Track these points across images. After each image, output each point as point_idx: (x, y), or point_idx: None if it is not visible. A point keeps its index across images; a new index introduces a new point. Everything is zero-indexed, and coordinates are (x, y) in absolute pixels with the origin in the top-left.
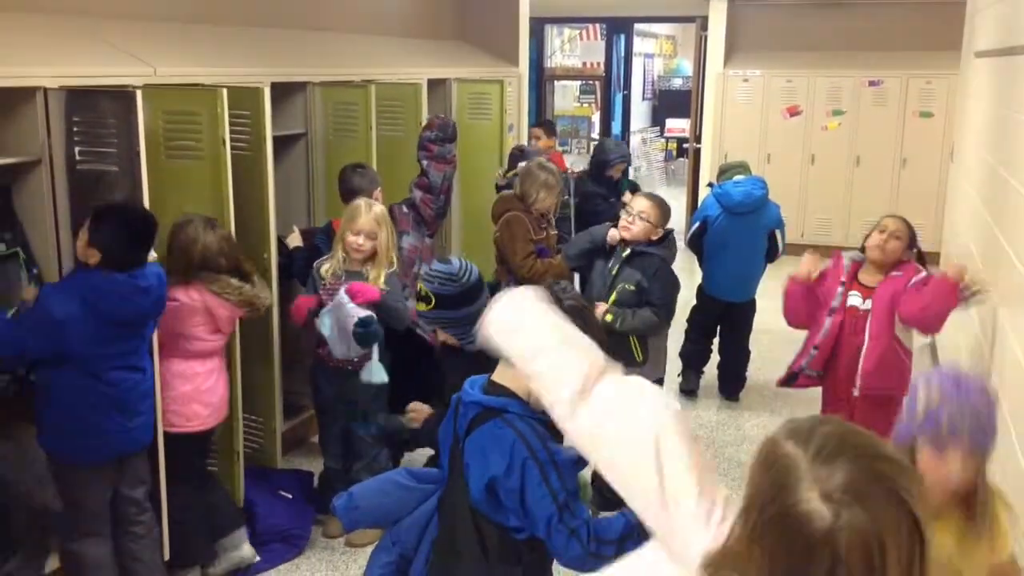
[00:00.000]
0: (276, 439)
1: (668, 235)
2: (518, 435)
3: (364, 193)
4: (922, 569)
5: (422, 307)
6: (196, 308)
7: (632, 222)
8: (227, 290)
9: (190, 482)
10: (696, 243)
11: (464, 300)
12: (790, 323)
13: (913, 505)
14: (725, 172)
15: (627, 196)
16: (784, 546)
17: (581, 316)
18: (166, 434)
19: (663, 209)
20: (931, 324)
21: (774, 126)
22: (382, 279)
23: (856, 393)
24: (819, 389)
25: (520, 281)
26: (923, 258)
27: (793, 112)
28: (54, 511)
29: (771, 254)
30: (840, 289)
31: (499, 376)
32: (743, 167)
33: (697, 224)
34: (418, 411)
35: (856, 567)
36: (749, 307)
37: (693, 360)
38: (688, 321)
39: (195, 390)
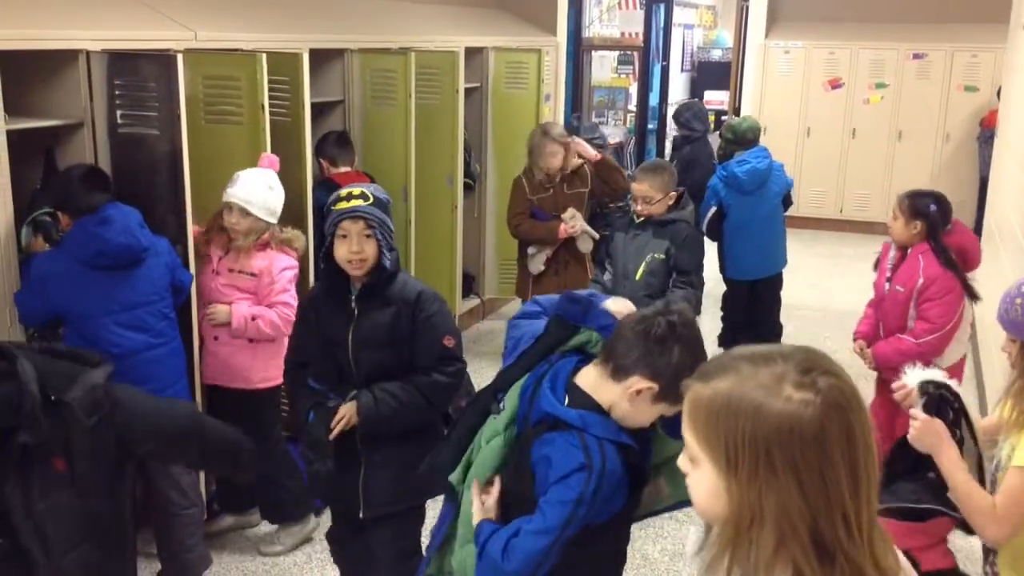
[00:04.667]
0: None
1: (681, 196)
2: (587, 461)
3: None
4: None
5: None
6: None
7: (643, 210)
8: (296, 242)
9: (273, 437)
10: (714, 228)
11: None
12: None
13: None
14: (736, 133)
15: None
16: (787, 455)
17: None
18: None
19: (661, 176)
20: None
21: (815, 99)
22: None
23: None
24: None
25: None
26: (935, 234)
27: (835, 85)
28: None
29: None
30: (887, 285)
31: (584, 378)
32: (752, 129)
33: (713, 209)
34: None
35: (840, 447)
36: (776, 280)
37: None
38: (723, 310)
39: (275, 350)
